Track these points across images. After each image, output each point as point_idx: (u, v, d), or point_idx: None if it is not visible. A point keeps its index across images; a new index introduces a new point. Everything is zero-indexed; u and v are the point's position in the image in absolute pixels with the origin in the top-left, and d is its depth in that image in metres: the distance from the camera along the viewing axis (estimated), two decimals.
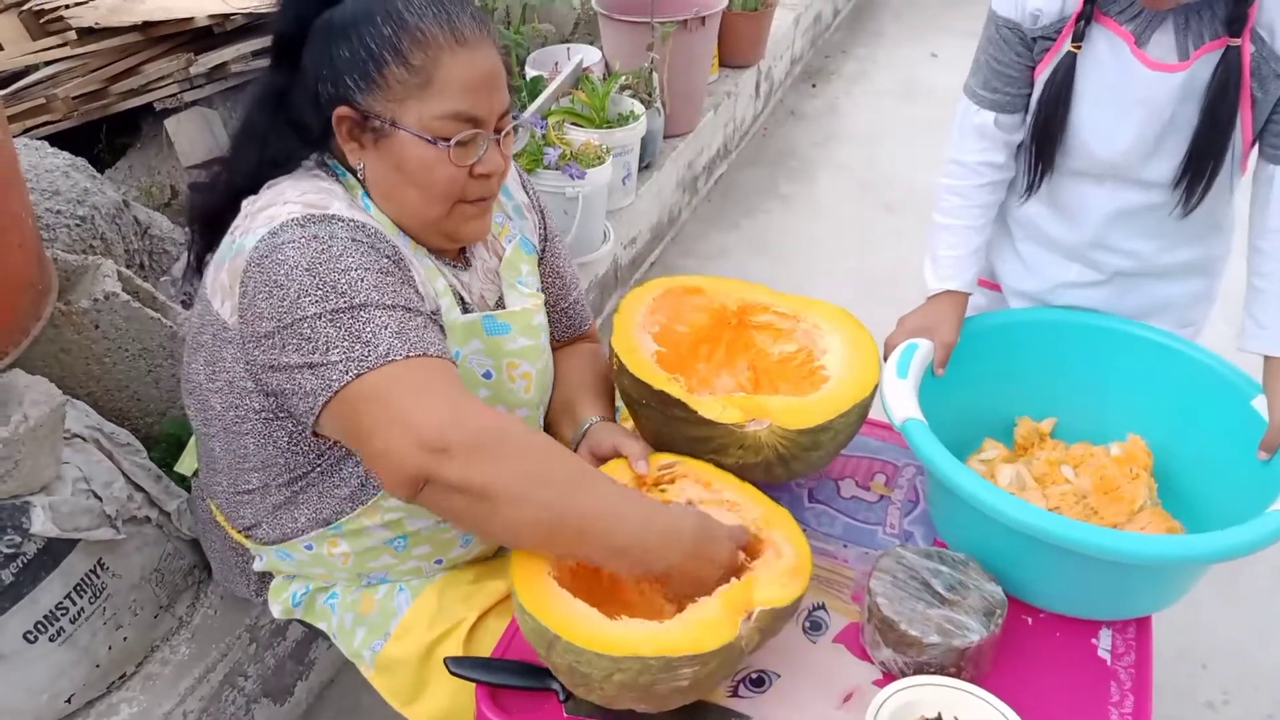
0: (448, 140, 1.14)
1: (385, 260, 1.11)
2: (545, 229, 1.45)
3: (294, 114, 1.18)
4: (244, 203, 1.18)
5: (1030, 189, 1.55)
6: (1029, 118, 1.49)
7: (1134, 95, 1.38)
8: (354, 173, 1.20)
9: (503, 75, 1.19)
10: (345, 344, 1.04)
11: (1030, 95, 1.49)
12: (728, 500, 1.22)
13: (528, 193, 1.44)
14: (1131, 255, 1.55)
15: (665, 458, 1.27)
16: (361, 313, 1.05)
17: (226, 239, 1.17)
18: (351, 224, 1.11)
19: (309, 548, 1.29)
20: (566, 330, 1.50)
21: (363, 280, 1.07)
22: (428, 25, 1.11)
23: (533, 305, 1.32)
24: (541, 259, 1.44)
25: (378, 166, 1.17)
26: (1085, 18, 1.38)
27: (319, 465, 1.22)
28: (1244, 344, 1.41)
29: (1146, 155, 1.42)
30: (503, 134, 1.20)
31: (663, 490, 1.24)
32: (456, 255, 1.30)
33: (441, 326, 1.18)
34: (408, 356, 1.04)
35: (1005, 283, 1.72)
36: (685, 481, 1.25)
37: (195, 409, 1.26)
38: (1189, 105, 1.37)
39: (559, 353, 1.48)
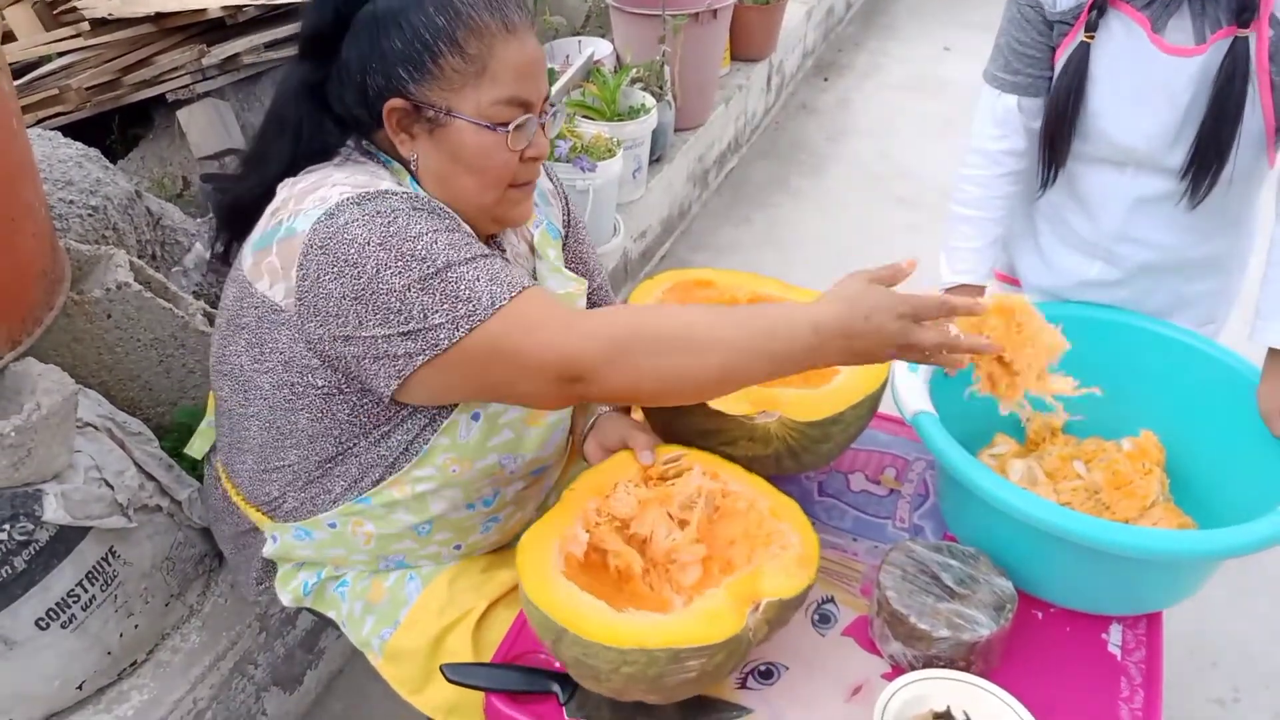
0: (505, 125, 1.15)
1: (450, 219, 1.13)
2: (568, 215, 1.47)
3: (334, 106, 1.19)
4: (280, 186, 1.19)
5: (1045, 183, 1.54)
6: (1044, 108, 1.48)
7: (1152, 80, 1.37)
8: (401, 161, 1.21)
9: (544, 59, 1.21)
10: (446, 306, 1.06)
11: (1051, 79, 1.48)
12: (734, 491, 1.22)
13: (551, 179, 1.46)
14: (1155, 248, 1.54)
15: (672, 450, 1.26)
16: (449, 273, 1.07)
17: (266, 222, 1.17)
18: (406, 195, 1.12)
19: (333, 525, 1.29)
20: None
21: (436, 242, 1.08)
22: (480, 14, 1.13)
23: (576, 290, 1.35)
24: (565, 244, 1.45)
25: (432, 156, 1.18)
26: (1098, 7, 1.37)
27: (370, 435, 1.22)
28: (1253, 335, 1.40)
29: (1168, 142, 1.41)
30: (545, 118, 1.22)
31: (670, 484, 1.24)
32: (489, 243, 1.31)
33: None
34: (511, 299, 1.07)
35: (1025, 278, 1.71)
36: (691, 474, 1.24)
37: (232, 390, 1.26)
38: (1207, 90, 1.36)
39: None
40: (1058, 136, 1.48)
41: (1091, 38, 1.39)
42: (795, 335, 1.06)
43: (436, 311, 1.05)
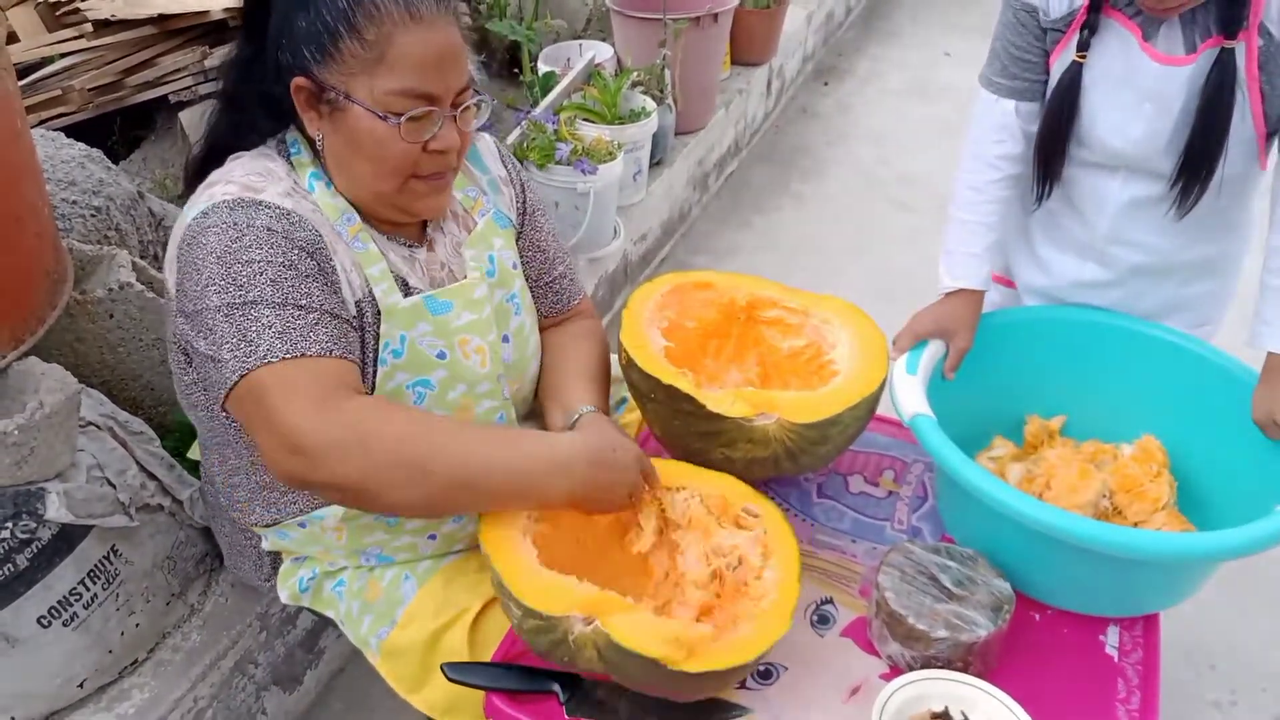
0: (399, 116, 1.14)
1: (296, 252, 1.13)
2: (525, 203, 1.44)
3: (259, 83, 1.20)
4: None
5: (1040, 198, 1.55)
6: (1039, 123, 1.49)
7: (1143, 89, 1.38)
8: (312, 145, 1.22)
9: (462, 52, 1.18)
10: (233, 341, 1.08)
11: (1047, 83, 1.49)
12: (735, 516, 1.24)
13: (506, 167, 1.43)
14: (1147, 250, 1.54)
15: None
16: (251, 310, 1.08)
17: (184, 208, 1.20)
18: (277, 211, 1.13)
19: (303, 525, 1.31)
20: (554, 306, 1.49)
21: (261, 274, 1.09)
22: (383, 0, 1.12)
23: (472, 280, 1.31)
24: (520, 234, 1.43)
25: (333, 138, 1.19)
26: (1090, 26, 1.38)
27: None
28: (1253, 341, 1.41)
29: (1159, 148, 1.42)
30: (460, 109, 1.20)
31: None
32: (416, 235, 1.30)
33: (347, 322, 1.17)
34: (284, 358, 1.07)
35: (1021, 280, 1.72)
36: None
37: (178, 386, 1.31)
38: (1198, 99, 1.36)
39: (549, 333, 1.47)
40: (1052, 154, 1.49)
41: (1083, 58, 1.40)
42: (539, 458, 1.12)
43: (226, 344, 1.08)
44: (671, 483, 1.25)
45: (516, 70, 3.30)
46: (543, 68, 3.08)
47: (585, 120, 2.79)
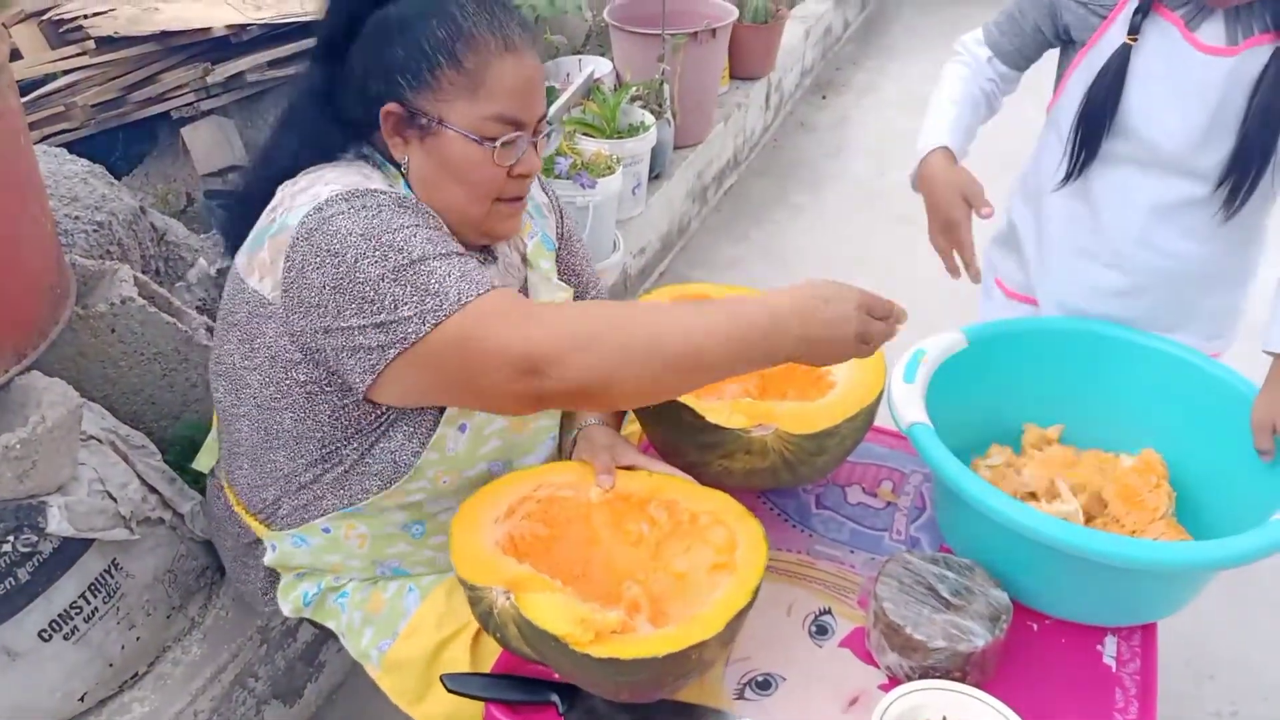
0: (494, 140, 1.17)
1: (432, 219, 1.16)
2: (563, 228, 1.49)
3: (339, 109, 1.22)
4: (280, 187, 1.22)
5: (1069, 177, 1.56)
6: (1078, 106, 1.51)
7: (1184, 79, 1.40)
8: (395, 164, 1.24)
9: (544, 81, 1.23)
10: (415, 298, 1.06)
11: (1030, 60, 1.60)
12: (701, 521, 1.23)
13: (547, 193, 1.49)
14: (1172, 256, 1.55)
15: (637, 480, 1.27)
16: (422, 266, 1.08)
17: (264, 220, 1.20)
18: (394, 194, 1.15)
19: (326, 530, 1.31)
20: None
21: (415, 235, 1.10)
22: (481, 30, 1.15)
23: (563, 297, 1.37)
24: (559, 257, 1.47)
25: (423, 162, 1.21)
26: (1143, 10, 1.41)
27: (354, 442, 1.24)
28: (1268, 345, 1.41)
29: (1196, 143, 1.43)
30: (539, 137, 1.24)
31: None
32: (481, 251, 1.33)
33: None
34: (478, 295, 1.07)
35: (1041, 293, 1.72)
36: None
37: (225, 389, 1.29)
38: (1237, 95, 1.38)
39: None
40: (1090, 134, 1.50)
41: (1134, 39, 1.41)
42: (753, 318, 1.07)
43: (406, 303, 1.07)
44: (662, 498, 1.25)
45: None
46: None
47: (585, 135, 2.81)
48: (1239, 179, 1.41)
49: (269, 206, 1.21)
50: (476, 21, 1.16)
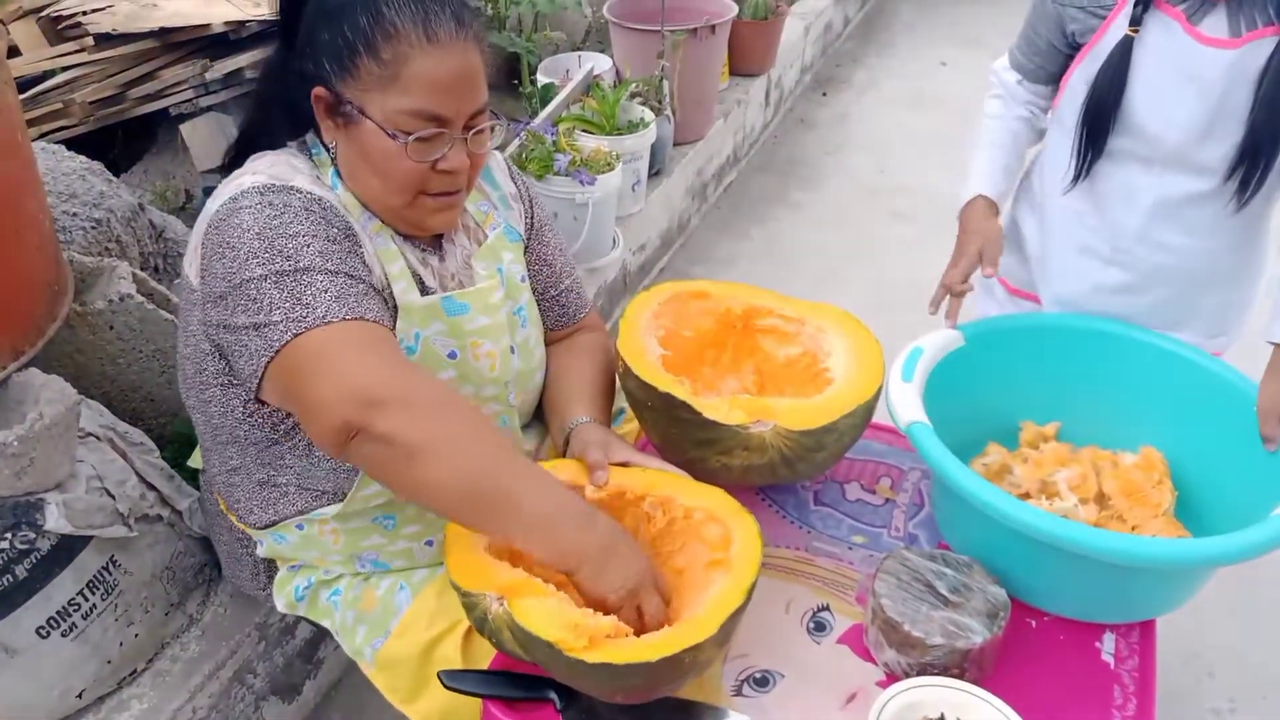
0: (408, 135, 1.16)
1: (335, 230, 1.15)
2: (533, 218, 1.46)
3: (285, 88, 1.23)
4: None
5: (1077, 176, 1.56)
6: (1082, 102, 1.51)
7: (1186, 72, 1.40)
8: (328, 149, 1.24)
9: (478, 75, 1.20)
10: (287, 305, 1.07)
11: (1057, 75, 1.60)
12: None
13: (515, 183, 1.46)
14: (1174, 252, 1.55)
15: (630, 477, 1.26)
16: (304, 276, 1.09)
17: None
18: (309, 196, 1.15)
19: (300, 528, 1.32)
20: (560, 320, 1.50)
21: (309, 246, 1.11)
22: (402, 21, 1.13)
23: (489, 285, 1.32)
24: (528, 248, 1.45)
25: (346, 149, 1.22)
26: (1144, 3, 1.41)
27: (278, 436, 1.24)
28: (1270, 336, 1.40)
29: (1199, 137, 1.43)
30: (472, 132, 1.21)
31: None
32: (431, 242, 1.32)
33: (385, 300, 1.20)
34: (344, 319, 1.07)
35: (1043, 289, 1.73)
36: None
37: (185, 387, 1.31)
38: (1241, 88, 1.38)
39: (556, 348, 1.49)
40: (1096, 129, 1.51)
41: (1135, 32, 1.42)
42: (576, 500, 1.10)
43: (278, 308, 1.07)
44: (656, 495, 1.25)
45: (516, 82, 3.32)
46: (542, 79, 3.10)
47: (584, 131, 2.80)
48: (1249, 169, 1.42)
49: None
50: (399, 11, 1.13)
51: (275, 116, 1.26)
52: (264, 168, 1.18)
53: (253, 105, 1.31)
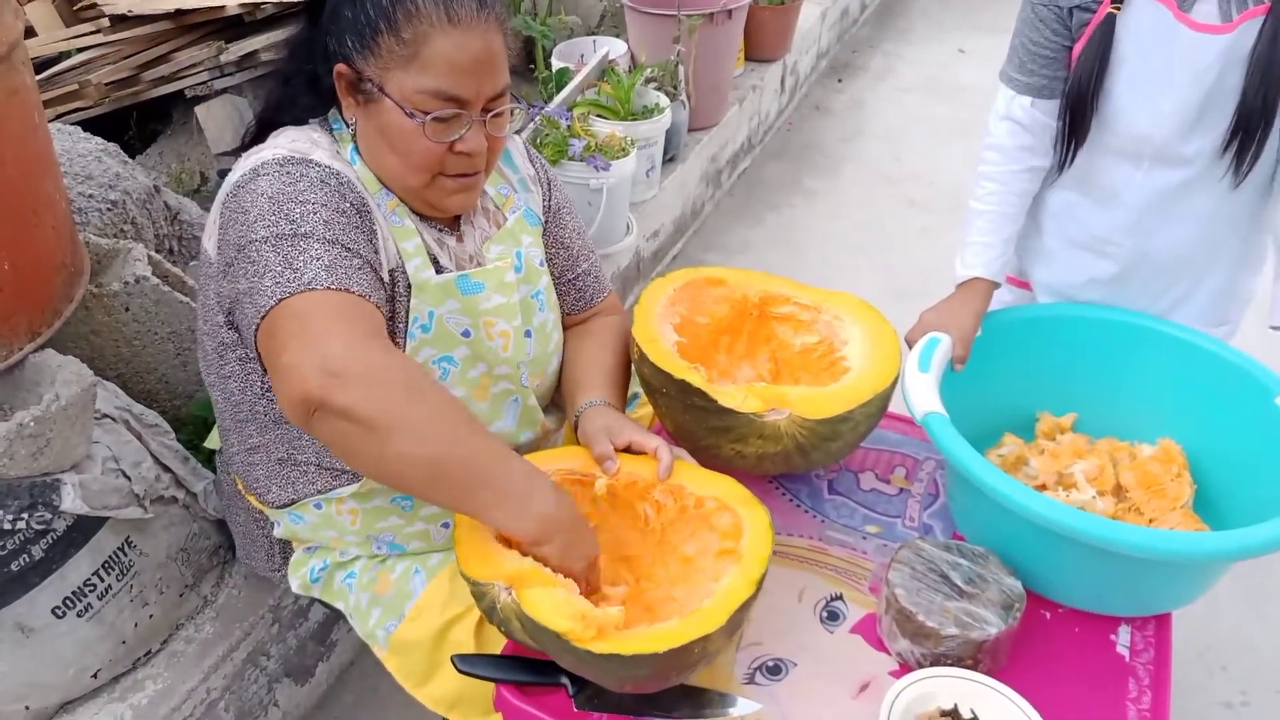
0: (426, 115, 1.16)
1: (347, 205, 1.15)
2: (551, 201, 1.46)
3: (309, 64, 1.24)
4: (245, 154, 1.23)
5: (1063, 165, 1.54)
6: (1064, 87, 1.48)
7: (1176, 61, 1.38)
8: (348, 125, 1.24)
9: (498, 57, 1.20)
10: (279, 269, 1.07)
11: (1067, 80, 1.48)
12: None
13: (534, 166, 1.46)
14: (1168, 242, 1.53)
15: (638, 466, 1.26)
16: (300, 241, 1.09)
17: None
18: (326, 169, 1.16)
19: (318, 506, 1.32)
20: (577, 303, 1.50)
21: (315, 214, 1.11)
22: (423, 1, 1.14)
23: (504, 264, 1.32)
24: (546, 231, 1.45)
25: (365, 126, 1.22)
26: None
27: None
28: (1275, 320, 1.39)
29: (1187, 127, 1.41)
30: (491, 114, 1.21)
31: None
32: (449, 223, 1.32)
33: (384, 280, 1.19)
34: (328, 288, 1.06)
35: (1034, 278, 1.72)
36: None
37: (205, 365, 1.31)
38: (1233, 72, 1.36)
39: (573, 331, 1.49)
40: (1079, 112, 1.47)
41: (1119, 8, 1.39)
42: (538, 474, 1.10)
43: (269, 272, 1.07)
44: (668, 483, 1.24)
45: (531, 66, 3.31)
46: (556, 64, 3.08)
47: (599, 116, 2.79)
48: (1244, 141, 1.39)
49: None
50: None
51: (298, 93, 1.26)
52: (285, 142, 1.19)
53: (276, 82, 1.31)
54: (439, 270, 1.27)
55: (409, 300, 1.23)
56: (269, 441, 1.29)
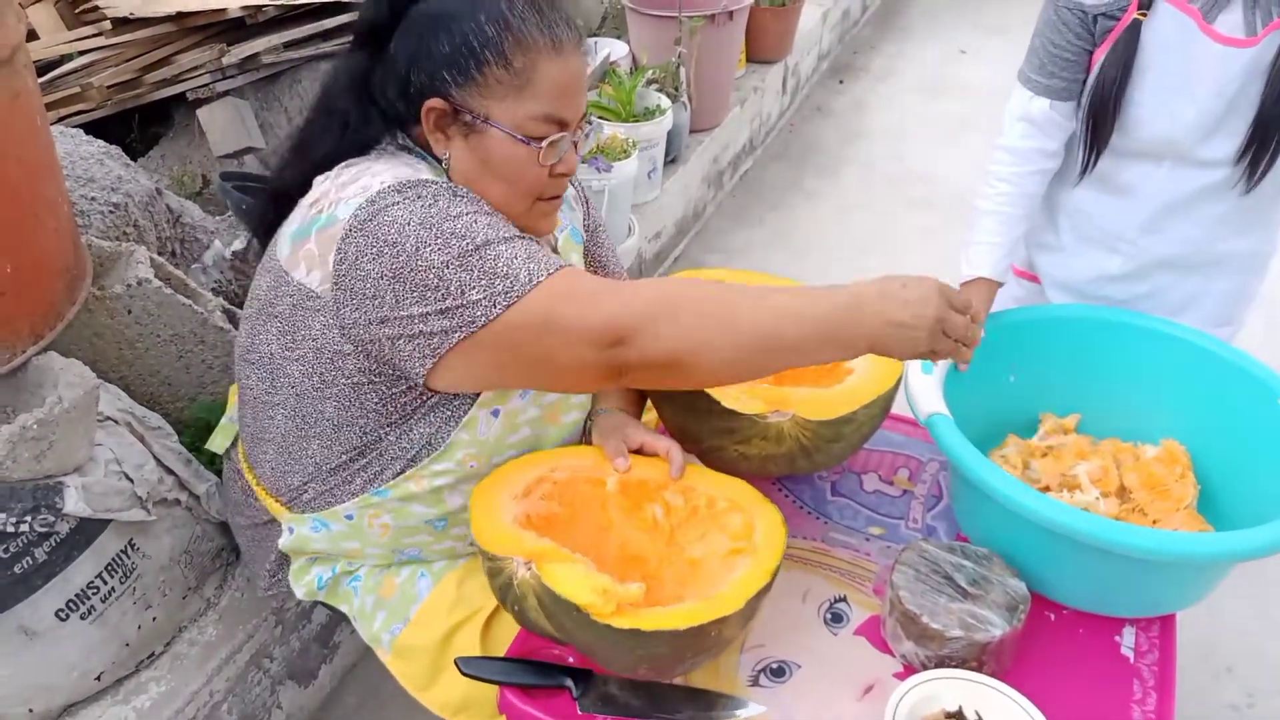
0: (540, 141, 1.17)
1: (485, 204, 1.16)
2: (590, 219, 1.48)
3: (378, 98, 1.21)
4: (319, 179, 1.21)
5: (1085, 170, 1.54)
6: (1086, 92, 1.48)
7: (1200, 72, 1.38)
8: (435, 159, 1.23)
9: (586, 80, 1.23)
10: (484, 282, 1.06)
11: (1086, 81, 1.49)
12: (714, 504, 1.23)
13: (575, 186, 1.48)
14: (1180, 243, 1.54)
15: (650, 465, 1.26)
16: (488, 250, 1.08)
17: (305, 213, 1.19)
18: (447, 185, 1.15)
19: (349, 516, 1.30)
20: None
21: (476, 222, 1.10)
22: (530, 30, 1.15)
23: None
24: (586, 250, 1.47)
25: (465, 158, 1.20)
26: (1146, 6, 1.38)
27: (397, 428, 1.23)
28: None
29: (1207, 133, 1.42)
30: (579, 135, 1.24)
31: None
32: None
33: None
34: (549, 275, 1.07)
35: (1044, 273, 1.72)
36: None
37: (259, 378, 1.27)
38: (1255, 83, 1.37)
39: None
40: (1101, 118, 1.47)
41: (1145, 15, 1.39)
42: (834, 300, 1.07)
43: (474, 287, 1.06)
44: (679, 483, 1.25)
45: None
46: None
47: (600, 118, 2.79)
48: (1259, 150, 1.40)
49: (309, 199, 1.20)
50: (525, 20, 1.15)
51: (358, 129, 1.23)
52: (382, 169, 1.16)
53: (317, 114, 1.27)
54: None
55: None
56: (334, 453, 1.26)
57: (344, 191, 1.15)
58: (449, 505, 1.29)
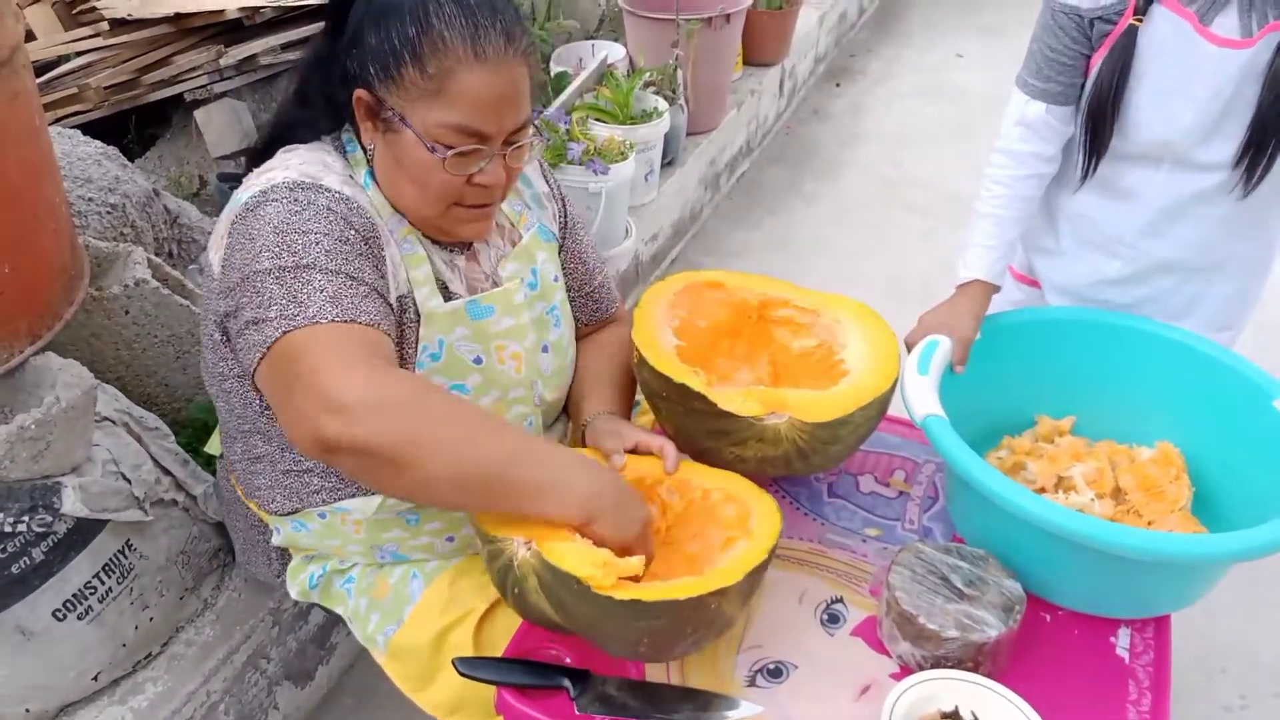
0: (447, 149, 1.15)
1: (353, 233, 1.13)
2: (566, 217, 1.47)
3: (327, 83, 1.22)
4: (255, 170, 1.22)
5: (1085, 176, 1.54)
6: (1083, 98, 1.49)
7: (1197, 74, 1.39)
8: (365, 149, 1.23)
9: (522, 93, 1.18)
10: (283, 302, 1.06)
11: (1084, 86, 1.49)
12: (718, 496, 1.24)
13: (548, 182, 1.46)
14: (1179, 246, 1.54)
15: (647, 464, 1.27)
16: (304, 273, 1.07)
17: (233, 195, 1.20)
18: (336, 196, 1.14)
19: (322, 516, 1.32)
20: (594, 314, 1.52)
21: (317, 244, 1.09)
22: (451, 35, 1.11)
23: (512, 285, 1.32)
24: (563, 246, 1.45)
25: (383, 154, 1.21)
26: (1142, 10, 1.38)
27: None
28: None
29: (1205, 136, 1.42)
30: (512, 147, 1.20)
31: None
32: (462, 243, 1.32)
33: (392, 305, 1.17)
34: (334, 321, 1.05)
35: (1045, 278, 1.72)
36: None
37: (208, 375, 1.31)
38: (1251, 85, 1.37)
39: (582, 342, 1.50)
40: (1099, 123, 1.48)
41: (1140, 20, 1.39)
42: (567, 452, 1.11)
43: (274, 304, 1.06)
44: (674, 479, 1.26)
45: None
46: (555, 68, 3.09)
47: (597, 120, 2.79)
48: (1256, 154, 1.41)
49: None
50: (450, 25, 1.11)
51: (316, 112, 1.24)
52: (296, 163, 1.17)
53: (291, 95, 1.29)
54: (448, 297, 1.26)
55: (419, 328, 1.22)
56: (273, 452, 1.29)
57: (258, 179, 1.16)
58: (418, 506, 1.30)
